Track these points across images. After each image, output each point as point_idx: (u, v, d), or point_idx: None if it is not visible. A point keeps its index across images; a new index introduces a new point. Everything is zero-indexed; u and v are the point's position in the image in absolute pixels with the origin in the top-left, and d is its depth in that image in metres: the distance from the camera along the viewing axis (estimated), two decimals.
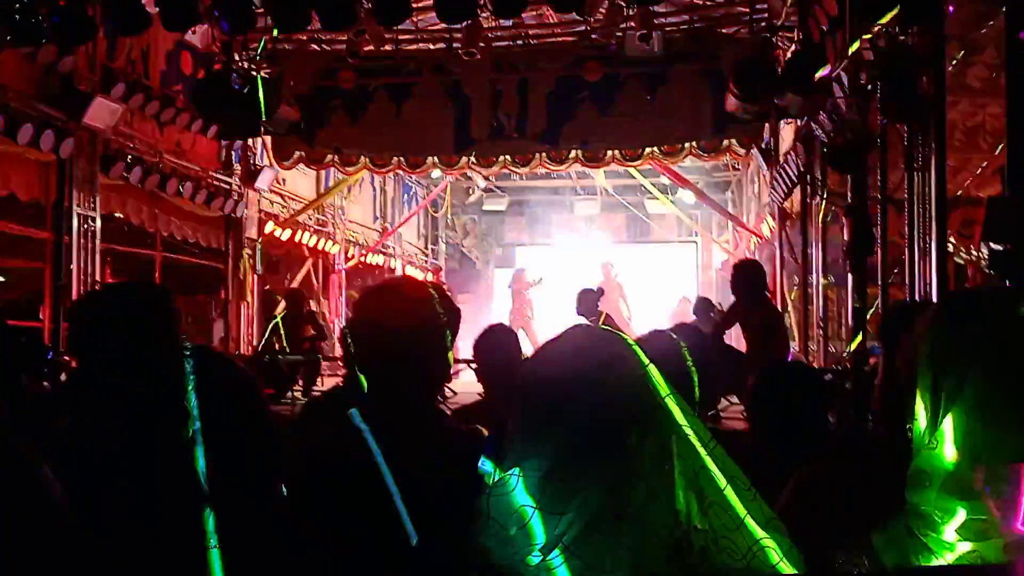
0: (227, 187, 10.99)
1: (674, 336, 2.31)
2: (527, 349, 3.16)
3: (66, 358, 5.47)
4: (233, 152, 11.16)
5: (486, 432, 1.91)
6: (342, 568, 1.56)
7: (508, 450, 1.35)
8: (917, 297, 6.26)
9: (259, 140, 11.31)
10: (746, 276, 7.15)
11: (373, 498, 1.79)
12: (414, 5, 8.13)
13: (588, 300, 8.91)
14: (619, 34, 9.31)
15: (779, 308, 9.29)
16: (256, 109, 9.13)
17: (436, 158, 11.15)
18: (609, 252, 18.72)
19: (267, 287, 12.43)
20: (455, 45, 9.84)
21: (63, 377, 5.07)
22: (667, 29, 9.70)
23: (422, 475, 1.85)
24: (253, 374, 1.42)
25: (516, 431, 1.36)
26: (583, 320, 8.77)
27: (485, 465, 1.40)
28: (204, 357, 1.39)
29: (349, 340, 2.15)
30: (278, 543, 1.37)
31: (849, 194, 7.44)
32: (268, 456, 1.38)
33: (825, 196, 8.79)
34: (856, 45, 6.89)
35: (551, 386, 1.36)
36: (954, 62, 6.98)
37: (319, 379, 9.36)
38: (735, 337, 9.19)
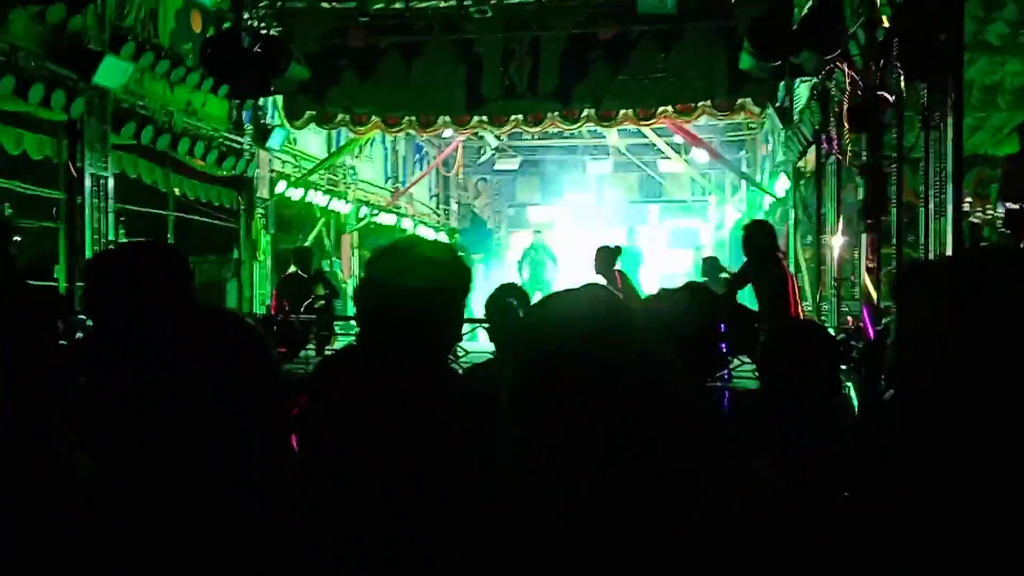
0: (238, 147, 10.96)
1: (684, 295, 2.30)
2: None
3: (81, 316, 5.52)
4: (244, 112, 11.12)
5: None
6: (353, 527, 1.58)
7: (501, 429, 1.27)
8: (932, 257, 6.22)
9: (270, 100, 11.25)
10: (758, 236, 7.12)
11: (377, 457, 1.80)
12: None
13: (606, 258, 8.90)
14: None
15: (791, 268, 9.25)
16: (267, 68, 9.07)
17: (447, 117, 11.08)
18: (623, 212, 18.67)
19: (280, 247, 12.45)
20: (466, 3, 9.72)
21: (79, 336, 5.12)
22: None
23: (430, 430, 1.86)
24: (263, 333, 1.42)
25: (508, 404, 1.28)
26: (601, 280, 8.78)
27: None
28: (216, 317, 1.39)
29: (360, 300, 2.16)
30: (287, 498, 1.37)
31: (864, 153, 7.38)
32: (280, 415, 1.38)
33: (840, 155, 8.71)
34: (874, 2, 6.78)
35: (554, 350, 1.27)
36: (973, 19, 6.86)
37: (332, 338, 9.40)
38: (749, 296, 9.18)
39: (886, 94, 6.92)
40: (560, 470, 1.22)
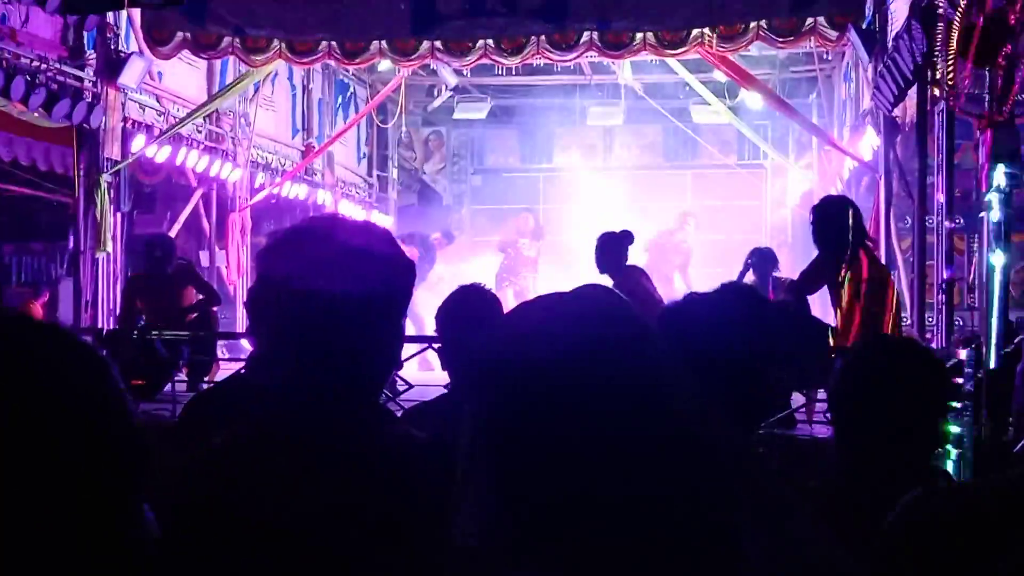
0: (77, 84, 10.90)
1: (722, 301, 2.31)
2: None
3: None
4: (85, 33, 11.05)
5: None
6: None
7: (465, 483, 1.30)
8: None
9: (123, 14, 11.18)
10: (836, 219, 7.18)
11: (274, 541, 1.80)
12: None
13: (610, 249, 8.93)
14: None
15: (885, 263, 9.33)
16: None
17: (384, 42, 11.07)
18: (641, 181, 18.74)
19: (137, 231, 12.40)
20: None
21: None
22: None
23: (352, 505, 1.85)
24: (102, 356, 1.40)
25: (473, 445, 1.31)
26: (606, 280, 8.81)
27: None
28: (19, 330, 1.37)
29: (254, 309, 2.15)
30: None
31: (988, 98, 7.44)
32: (125, 474, 1.37)
33: (955, 101, 8.78)
34: None
35: (527, 376, 1.29)
36: None
37: (213, 366, 9.36)
38: (821, 304, 9.24)
39: (1019, 13, 7.00)
40: (546, 555, 1.23)
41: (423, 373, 8.43)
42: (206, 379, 9.18)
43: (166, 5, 10.35)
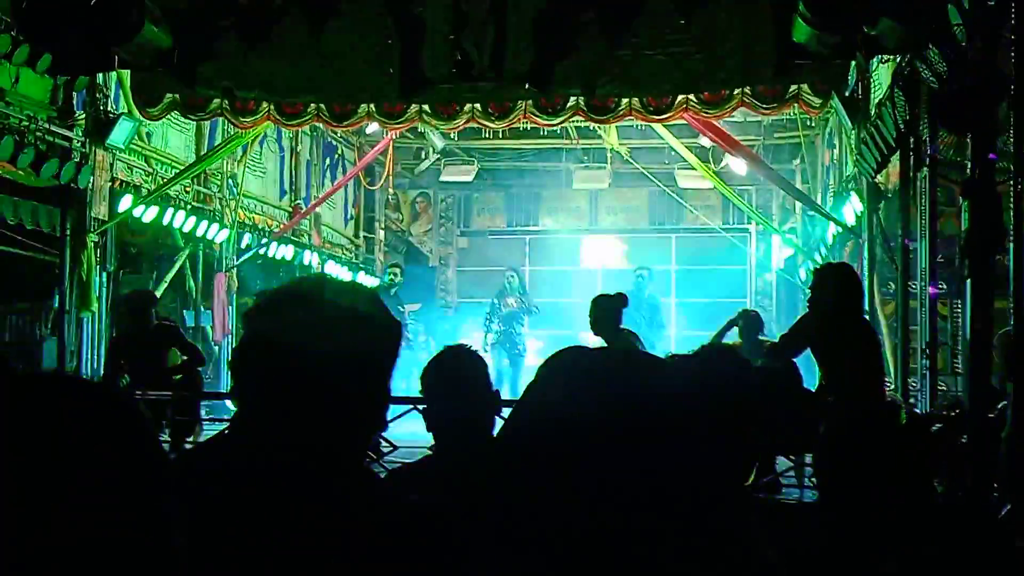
0: (65, 145, 10.91)
1: (705, 364, 2.31)
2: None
3: None
4: (75, 94, 11.09)
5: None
6: None
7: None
8: None
9: (113, 76, 11.22)
10: (836, 284, 7.24)
11: None
12: None
13: (605, 312, 8.95)
14: None
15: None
16: (108, 30, 9.07)
17: (372, 105, 11.13)
18: (626, 245, 18.81)
19: (124, 291, 12.36)
20: None
21: None
22: None
23: (336, 569, 1.84)
24: (142, 411, 1.41)
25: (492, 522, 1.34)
26: (599, 341, 8.82)
27: None
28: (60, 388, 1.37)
29: (239, 369, 2.15)
30: None
31: (969, 164, 7.50)
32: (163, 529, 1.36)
33: (935, 167, 8.86)
34: None
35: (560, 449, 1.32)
36: None
37: (196, 426, 9.30)
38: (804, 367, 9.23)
39: (999, 81, 7.07)
40: None
41: (408, 434, 8.38)
42: (189, 439, 9.12)
43: (156, 67, 10.39)
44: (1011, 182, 7.19)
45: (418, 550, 1.77)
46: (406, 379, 6.70)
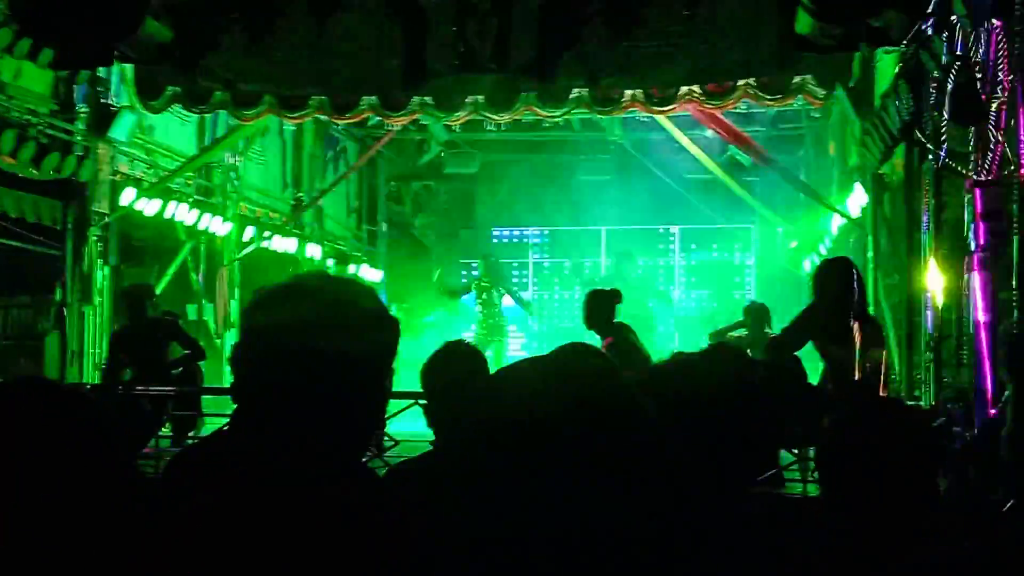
0: (67, 138, 10.92)
1: (710, 361, 2.30)
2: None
3: None
4: (76, 88, 11.09)
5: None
6: None
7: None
8: None
9: (114, 70, 11.22)
10: (838, 278, 7.23)
11: None
12: None
13: (599, 307, 8.95)
14: None
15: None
16: (110, 24, 9.06)
17: (375, 98, 11.12)
18: (629, 237, 18.80)
19: (125, 284, 12.37)
20: None
21: None
22: None
23: (331, 568, 1.84)
24: (110, 412, 1.42)
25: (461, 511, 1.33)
26: (593, 336, 8.82)
27: None
28: (31, 392, 1.38)
29: (239, 364, 2.15)
30: None
31: (973, 155, 7.48)
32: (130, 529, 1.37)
33: (940, 159, 8.83)
34: None
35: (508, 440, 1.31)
36: None
37: (196, 421, 9.32)
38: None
39: (1004, 71, 7.05)
40: None
41: (408, 429, 8.39)
42: (191, 434, 9.12)
43: (157, 61, 10.38)
44: (1016, 173, 7.18)
45: (414, 548, 1.76)
46: None
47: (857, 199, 12.03)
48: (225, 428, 2.17)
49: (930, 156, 8.97)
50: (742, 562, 1.95)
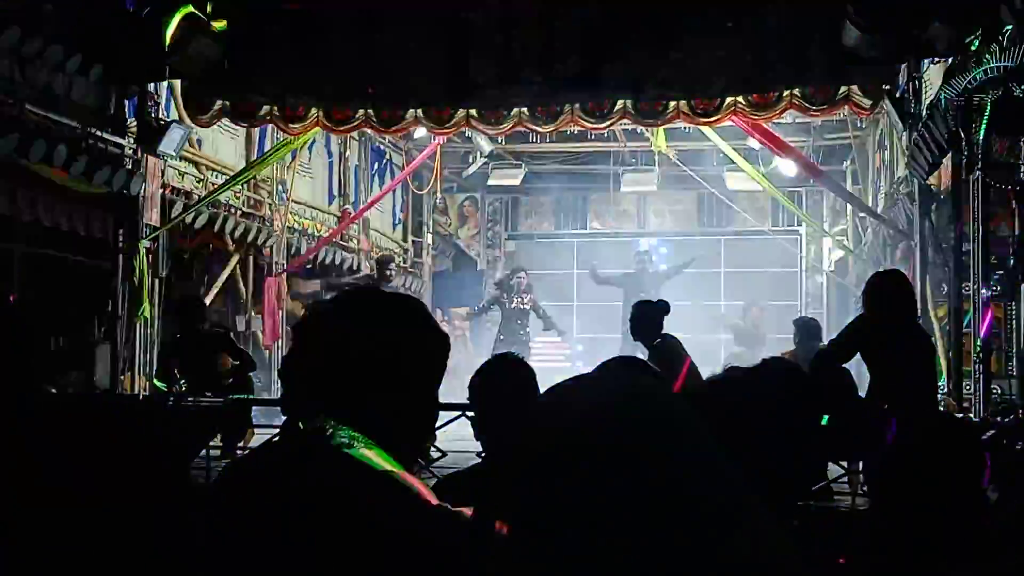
0: (117, 152, 11.02)
1: (764, 378, 2.30)
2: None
3: None
4: (127, 102, 11.20)
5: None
6: None
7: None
8: None
9: (164, 85, 11.33)
10: (891, 293, 7.19)
11: None
12: None
13: (647, 320, 8.91)
14: None
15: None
16: (160, 40, 9.16)
17: (420, 111, 11.17)
18: (674, 247, 18.77)
19: (175, 296, 12.47)
20: None
21: None
22: None
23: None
24: (152, 427, 1.45)
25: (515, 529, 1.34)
26: (639, 350, 8.79)
27: None
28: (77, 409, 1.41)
29: (289, 376, 2.18)
30: None
31: (1022, 166, 7.43)
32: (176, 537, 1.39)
33: (987, 169, 8.76)
34: None
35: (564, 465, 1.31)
36: None
37: (248, 432, 9.38)
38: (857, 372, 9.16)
39: None
40: None
41: (456, 441, 8.41)
42: (240, 445, 9.18)
43: (206, 76, 10.49)
44: None
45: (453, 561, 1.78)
46: None
47: (904, 209, 11.95)
48: (275, 439, 2.19)
49: (977, 168, 8.90)
50: None
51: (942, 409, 8.34)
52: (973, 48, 7.95)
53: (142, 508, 1.42)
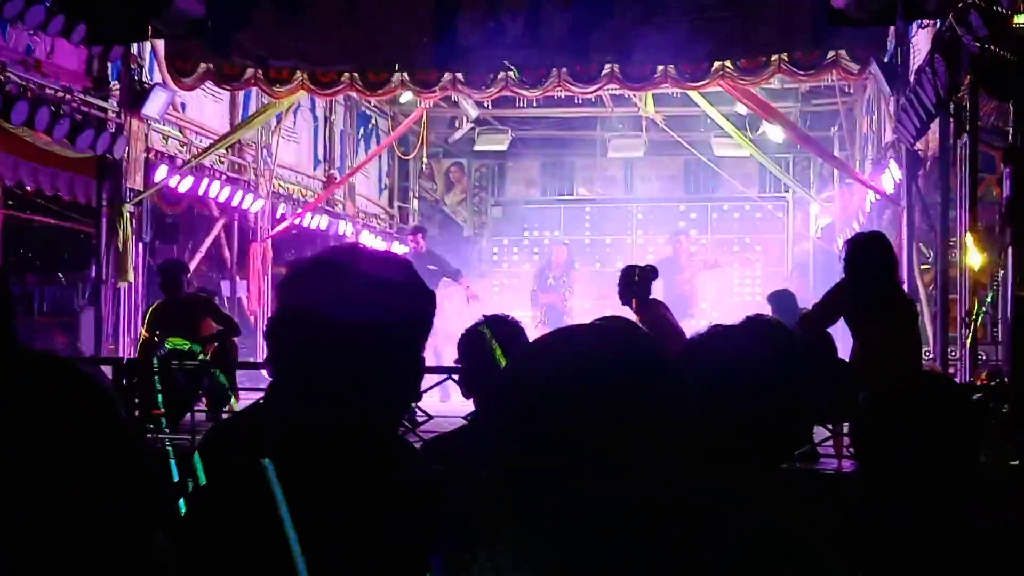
0: (101, 115, 10.96)
1: (749, 335, 2.28)
2: None
3: None
4: (109, 64, 11.13)
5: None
6: None
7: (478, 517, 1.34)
8: None
9: (147, 45, 11.26)
10: (873, 255, 7.17)
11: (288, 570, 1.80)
12: None
13: (635, 280, 8.92)
14: None
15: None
16: (143, 0, 9.09)
17: (406, 74, 11.11)
18: (661, 214, 18.77)
19: (159, 261, 12.44)
20: None
21: None
22: None
23: (367, 536, 1.84)
24: (106, 390, 1.43)
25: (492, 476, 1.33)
26: (627, 311, 8.79)
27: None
28: (32, 369, 1.39)
29: (274, 338, 2.15)
30: None
31: (1011, 131, 7.42)
32: (131, 504, 1.37)
33: (976, 133, 8.76)
34: None
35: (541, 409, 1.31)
36: None
37: (232, 395, 9.36)
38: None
39: None
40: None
41: (442, 404, 8.40)
42: (225, 409, 9.17)
43: (190, 36, 10.41)
44: None
45: (442, 519, 1.77)
46: None
47: (891, 175, 11.96)
48: (260, 401, 2.17)
49: (965, 131, 8.90)
50: (778, 536, 1.94)
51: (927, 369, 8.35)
52: (962, 8, 7.91)
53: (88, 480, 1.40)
